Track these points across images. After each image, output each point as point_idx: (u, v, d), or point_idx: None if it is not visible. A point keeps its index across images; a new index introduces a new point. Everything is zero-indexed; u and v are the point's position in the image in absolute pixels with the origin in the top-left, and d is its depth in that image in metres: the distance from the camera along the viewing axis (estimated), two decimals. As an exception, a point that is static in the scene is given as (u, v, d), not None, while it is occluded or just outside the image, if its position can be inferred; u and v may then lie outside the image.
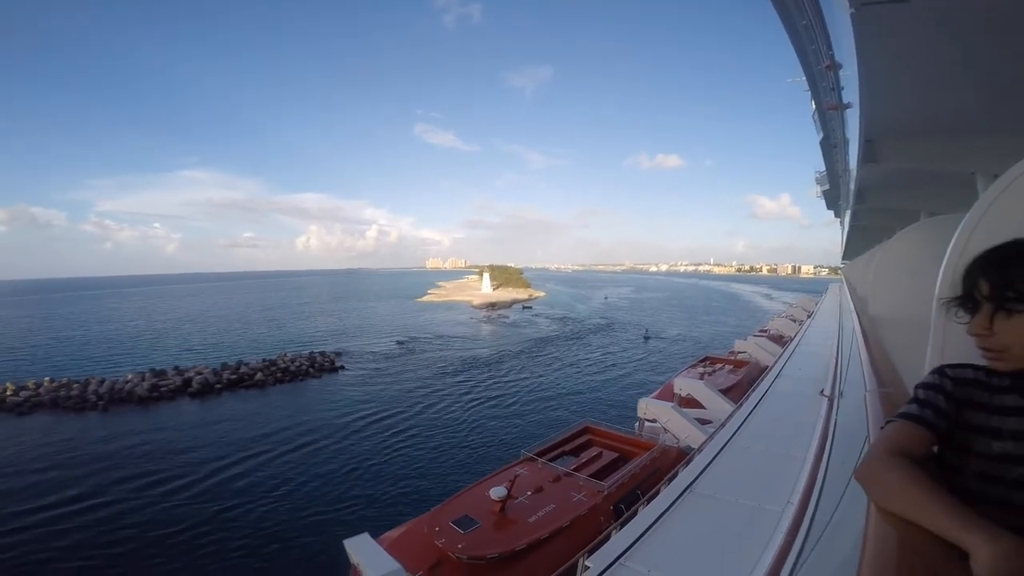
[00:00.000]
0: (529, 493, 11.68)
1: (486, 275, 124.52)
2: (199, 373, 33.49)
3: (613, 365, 41.08)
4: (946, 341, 1.48)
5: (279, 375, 34.68)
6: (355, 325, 68.12)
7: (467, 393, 31.14)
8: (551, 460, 13.85)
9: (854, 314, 8.39)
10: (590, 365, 40.91)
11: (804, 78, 7.40)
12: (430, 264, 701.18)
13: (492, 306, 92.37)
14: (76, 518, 16.03)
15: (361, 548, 8.89)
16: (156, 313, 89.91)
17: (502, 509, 10.84)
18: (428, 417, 26.27)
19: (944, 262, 1.94)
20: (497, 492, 11.13)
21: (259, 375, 33.97)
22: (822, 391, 7.77)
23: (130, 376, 32.49)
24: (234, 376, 33.49)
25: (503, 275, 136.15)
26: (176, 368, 35.24)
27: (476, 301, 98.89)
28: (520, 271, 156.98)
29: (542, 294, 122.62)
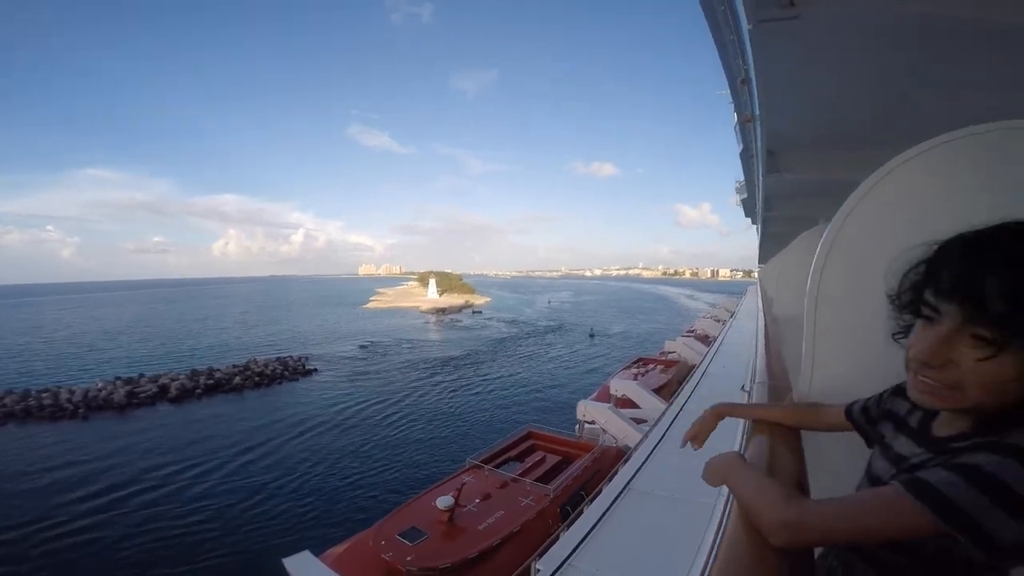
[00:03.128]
0: (477, 501, 11.70)
1: (432, 281, 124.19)
2: (174, 379, 32.95)
3: (561, 365, 43.13)
4: (816, 340, 1.73)
5: (256, 379, 35.08)
6: (310, 331, 66.41)
7: (424, 397, 31.50)
8: (496, 467, 13.97)
9: (761, 314, 9.10)
10: (540, 365, 42.63)
11: (729, 90, 7.74)
12: (363, 271, 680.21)
13: (442, 311, 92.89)
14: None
15: (301, 567, 8.58)
16: (83, 323, 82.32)
17: (450, 518, 10.78)
18: (383, 423, 26.19)
19: (812, 266, 2.32)
20: (444, 501, 11.04)
21: (237, 379, 34.34)
22: (743, 387, 8.43)
23: (101, 384, 31.62)
24: (211, 381, 33.48)
25: (446, 281, 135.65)
26: (142, 375, 34.20)
27: (424, 307, 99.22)
28: (459, 277, 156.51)
29: (488, 299, 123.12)
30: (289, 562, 8.73)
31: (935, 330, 0.72)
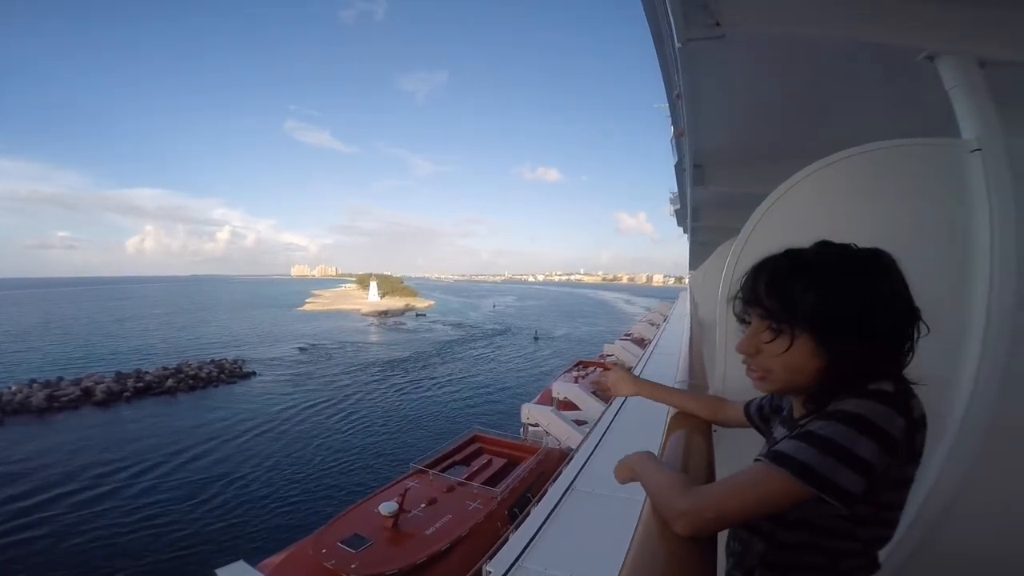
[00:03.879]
0: (423, 505, 11.65)
1: (373, 283, 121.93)
2: (99, 382, 31.02)
3: (507, 367, 43.87)
4: (727, 340, 1.95)
5: (191, 382, 33.81)
6: (243, 334, 63.19)
7: (368, 400, 31.18)
8: (442, 471, 13.94)
9: (688, 318, 9.65)
10: (486, 368, 43.08)
11: (667, 104, 8.33)
12: (295, 271, 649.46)
13: (384, 314, 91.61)
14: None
15: (238, 577, 8.37)
16: None
17: (395, 524, 10.69)
18: (324, 427, 25.71)
19: (723, 274, 2.60)
20: (387, 507, 10.91)
21: (169, 382, 33.01)
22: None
23: (15, 387, 29.47)
24: (141, 384, 31.97)
25: (387, 284, 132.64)
26: (60, 378, 31.95)
27: (365, 309, 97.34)
28: (400, 280, 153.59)
29: (431, 303, 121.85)
30: (223, 572, 8.42)
31: (746, 329, 0.93)
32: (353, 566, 9.36)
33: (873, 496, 0.78)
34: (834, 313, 0.81)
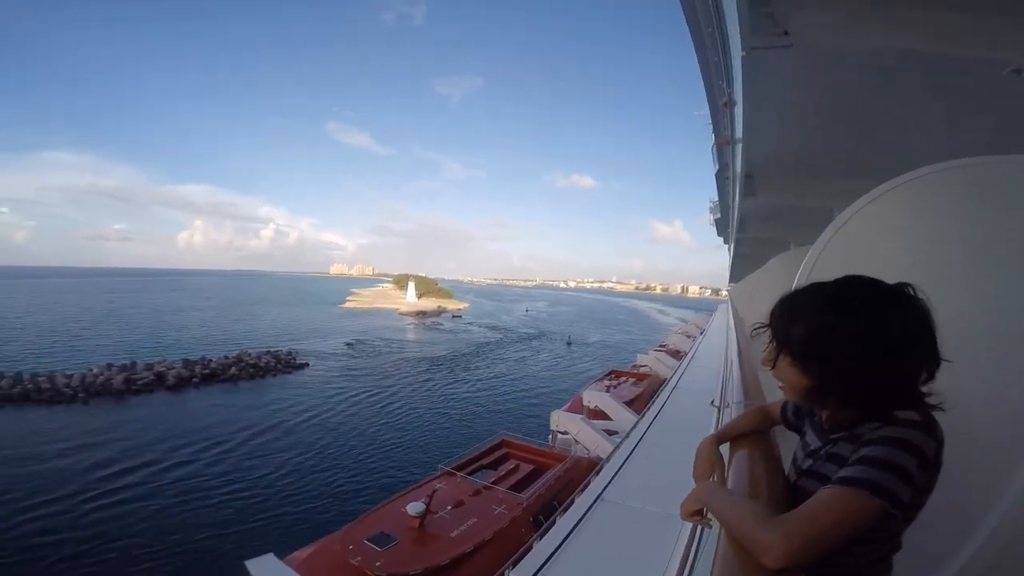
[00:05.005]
0: (449, 507, 11.64)
1: (411, 284, 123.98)
2: (170, 368, 33.42)
3: (539, 372, 43.99)
4: None
5: (251, 370, 36.00)
6: (293, 327, 66.29)
7: (406, 398, 31.96)
8: (469, 474, 13.92)
9: (734, 332, 9.33)
10: (518, 371, 43.46)
11: (708, 111, 7.80)
12: (335, 270, 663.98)
13: (422, 314, 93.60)
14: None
15: (265, 570, 8.44)
16: (57, 308, 79.82)
17: (421, 524, 10.71)
18: (363, 423, 26.37)
19: (792, 288, 2.43)
20: (415, 507, 10.94)
21: (232, 370, 35.20)
22: (712, 402, 8.64)
23: (96, 369, 31.51)
24: (207, 371, 34.23)
25: (423, 285, 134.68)
26: (134, 363, 34.06)
27: (404, 309, 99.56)
28: (435, 282, 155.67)
29: (466, 305, 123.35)
30: (252, 564, 8.54)
31: (770, 347, 1.10)
32: (378, 564, 9.39)
33: (914, 501, 0.92)
34: (806, 345, 1.02)
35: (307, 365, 40.21)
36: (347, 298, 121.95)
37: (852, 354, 0.96)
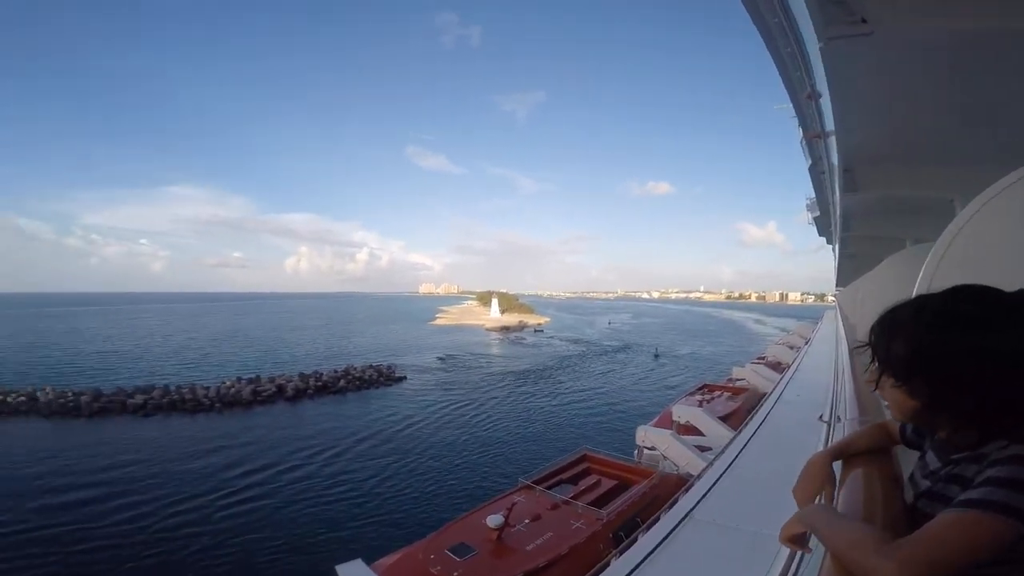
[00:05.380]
0: (527, 521, 11.61)
1: (495, 300, 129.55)
2: (289, 380, 37.56)
3: (624, 385, 43.56)
4: None
5: (357, 383, 39.68)
6: (390, 343, 72.45)
7: (492, 410, 33.32)
8: (549, 488, 13.80)
9: (844, 342, 8.48)
10: (602, 384, 43.43)
11: (791, 105, 7.37)
12: (423, 289, 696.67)
13: (506, 329, 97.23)
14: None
15: (354, 575, 8.78)
16: (186, 330, 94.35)
17: (499, 537, 10.76)
18: (452, 434, 27.70)
19: (915, 291, 2.07)
20: (494, 520, 11.04)
21: (341, 382, 39.04)
22: (820, 416, 7.82)
23: (229, 382, 36.26)
24: (320, 384, 38.07)
25: (505, 301, 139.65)
26: (258, 376, 38.61)
27: (488, 324, 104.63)
28: (516, 297, 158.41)
29: (547, 319, 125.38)
30: (342, 569, 8.94)
31: (872, 367, 1.05)
32: (456, 574, 9.49)
33: None
34: (909, 364, 0.97)
35: (405, 378, 43.11)
36: (436, 315, 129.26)
37: (962, 372, 0.91)
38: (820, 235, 23.39)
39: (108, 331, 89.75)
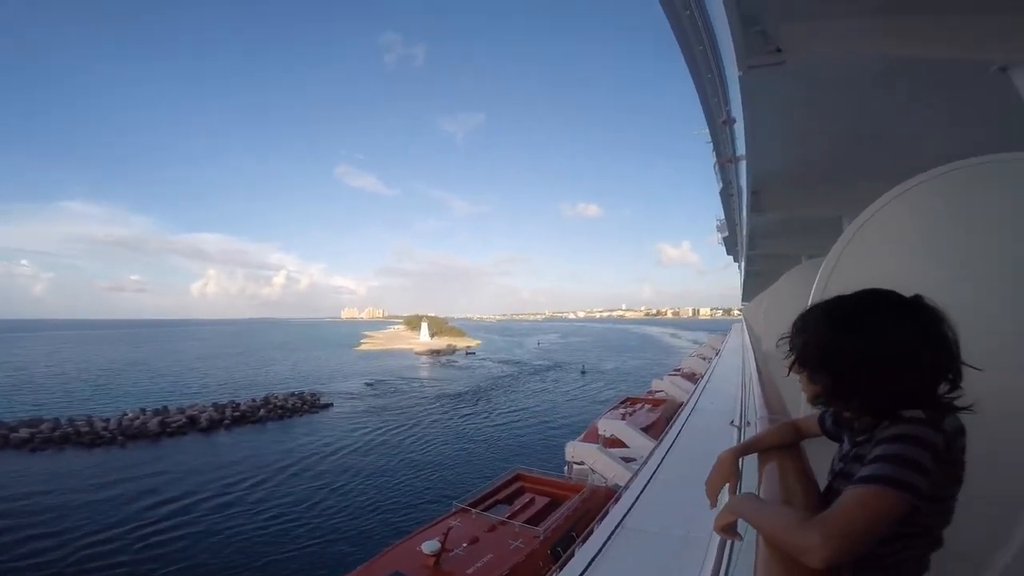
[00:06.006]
0: (464, 544, 11.36)
1: (424, 324, 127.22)
2: (202, 411, 34.88)
3: (554, 402, 43.96)
4: None
5: (279, 412, 37.54)
6: (313, 370, 67.94)
7: (422, 434, 32.30)
8: (485, 510, 13.63)
9: (751, 351, 9.19)
10: (534, 403, 43.52)
11: (708, 130, 7.75)
12: (345, 314, 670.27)
13: (437, 352, 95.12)
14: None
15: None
16: (76, 359, 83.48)
17: (436, 563, 10.46)
18: (379, 460, 26.58)
19: (809, 302, 2.42)
20: (430, 546, 10.71)
21: (261, 411, 36.84)
22: (732, 421, 8.44)
23: (132, 413, 33.43)
24: (237, 413, 35.63)
25: (435, 324, 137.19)
26: (165, 407, 35.67)
27: (418, 348, 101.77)
28: (446, 321, 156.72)
29: (479, 342, 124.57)
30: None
31: (795, 370, 1.20)
32: None
33: (935, 494, 0.96)
34: (803, 353, 1.16)
35: (332, 405, 41.35)
36: (361, 341, 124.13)
37: (853, 366, 1.06)
38: (728, 254, 25.19)
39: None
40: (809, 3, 2.38)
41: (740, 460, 1.51)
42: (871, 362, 1.04)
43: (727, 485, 1.40)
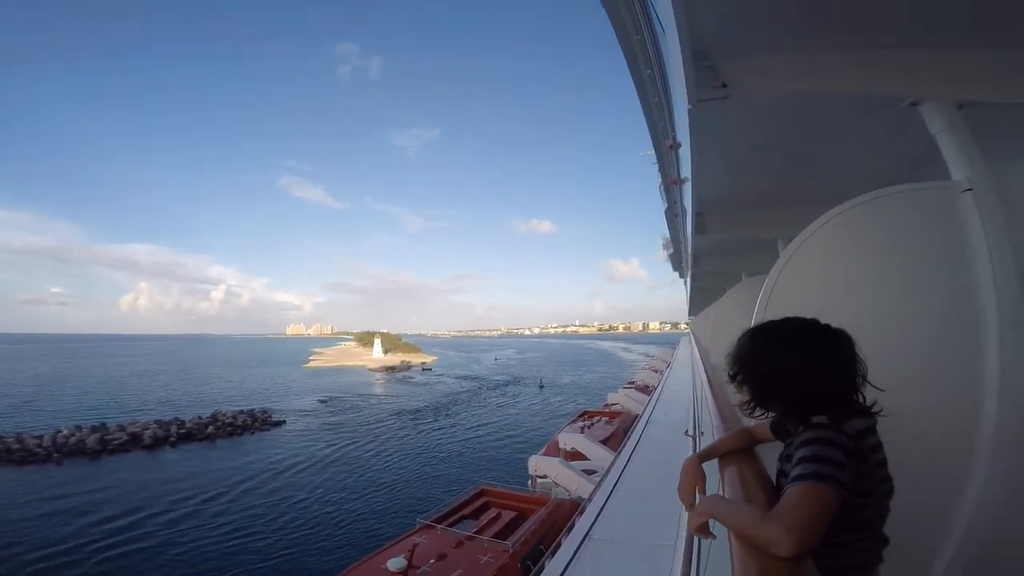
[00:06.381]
0: (432, 561, 11.29)
1: (377, 341, 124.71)
2: (145, 428, 33.61)
3: (514, 417, 43.75)
4: None
5: (228, 429, 36.29)
6: (261, 388, 65.01)
7: (380, 451, 31.53)
8: (450, 526, 13.54)
9: (700, 363, 9.73)
10: (494, 418, 43.19)
11: (654, 151, 7.90)
12: (291, 330, 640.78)
13: (392, 369, 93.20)
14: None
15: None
16: (4, 374, 77.43)
17: (404, 580, 10.29)
18: (336, 478, 25.79)
19: (753, 318, 2.74)
20: (396, 563, 10.57)
21: (209, 429, 35.50)
22: (686, 431, 8.83)
23: (67, 430, 31.83)
24: (183, 431, 34.44)
25: (389, 341, 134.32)
26: (103, 423, 34.21)
27: (372, 365, 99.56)
28: (399, 337, 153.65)
29: (435, 358, 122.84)
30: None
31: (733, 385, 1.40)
32: None
33: (859, 487, 1.12)
34: (734, 368, 1.38)
35: (284, 422, 40.35)
36: (310, 357, 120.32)
37: (767, 379, 1.29)
38: (674, 270, 25.95)
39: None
40: (742, 42, 2.59)
41: (704, 465, 1.62)
42: (781, 376, 1.25)
43: (696, 488, 1.51)
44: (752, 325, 1.45)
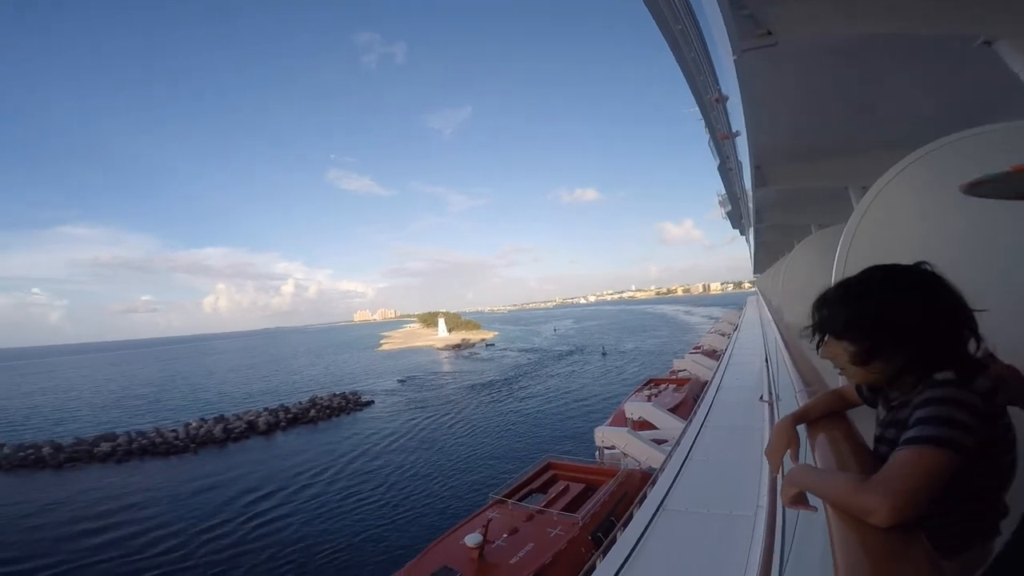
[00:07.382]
0: (505, 535, 11.57)
1: (441, 320, 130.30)
2: (259, 416, 37.33)
3: (577, 386, 44.13)
4: None
5: (327, 412, 39.88)
6: (345, 372, 69.91)
7: (457, 425, 33.28)
8: (519, 500, 13.84)
9: (772, 324, 9.16)
10: (558, 388, 43.79)
11: (698, 108, 7.71)
12: (358, 317, 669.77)
13: (458, 347, 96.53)
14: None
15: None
16: (114, 379, 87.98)
17: (480, 555, 10.66)
18: (415, 455, 27.30)
19: (833, 271, 2.51)
20: (473, 539, 10.89)
21: (312, 412, 39.07)
22: (761, 397, 8.43)
23: (193, 422, 35.79)
24: (290, 416, 38.01)
25: (451, 320, 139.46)
26: (223, 415, 37.67)
27: (439, 344, 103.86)
28: (459, 315, 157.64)
29: (496, 333, 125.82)
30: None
31: (826, 343, 1.23)
32: None
33: (983, 450, 0.98)
34: (833, 325, 1.21)
35: (373, 402, 43.36)
36: (381, 341, 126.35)
37: (876, 334, 1.13)
38: (733, 227, 24.85)
39: (25, 386, 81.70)
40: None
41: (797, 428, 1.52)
42: (902, 327, 1.10)
43: (788, 452, 1.42)
44: (838, 278, 1.33)
